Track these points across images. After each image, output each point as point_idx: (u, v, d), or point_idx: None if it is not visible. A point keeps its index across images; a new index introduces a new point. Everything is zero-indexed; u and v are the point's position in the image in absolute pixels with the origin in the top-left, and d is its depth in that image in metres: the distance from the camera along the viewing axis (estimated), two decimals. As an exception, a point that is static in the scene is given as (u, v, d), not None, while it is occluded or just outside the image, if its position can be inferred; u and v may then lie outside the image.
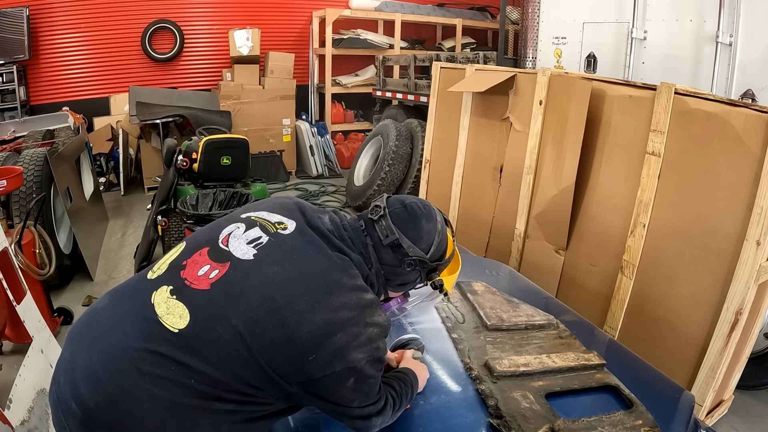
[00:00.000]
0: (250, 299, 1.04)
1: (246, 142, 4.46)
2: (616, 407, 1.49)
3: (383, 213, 1.22)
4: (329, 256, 1.13)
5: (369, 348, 1.09)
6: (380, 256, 1.22)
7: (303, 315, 1.04)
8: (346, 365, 1.06)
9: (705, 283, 2.26)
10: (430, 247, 1.24)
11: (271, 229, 1.15)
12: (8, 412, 1.98)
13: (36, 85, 6.66)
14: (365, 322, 1.09)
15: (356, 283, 1.13)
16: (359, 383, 1.10)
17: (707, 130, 2.24)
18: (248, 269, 1.08)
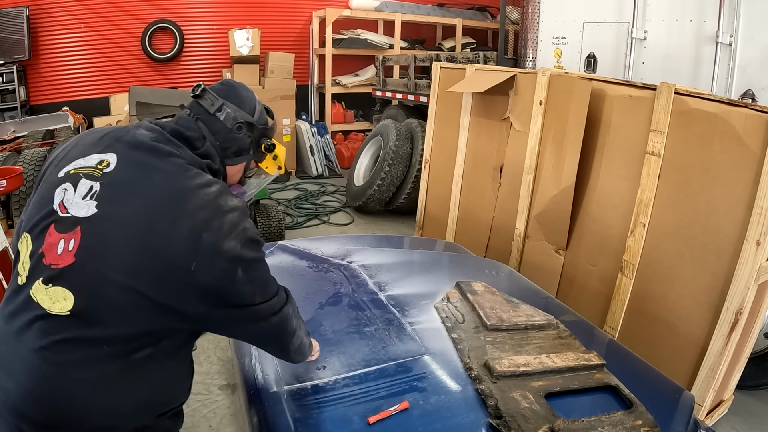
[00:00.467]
0: (116, 250, 1.04)
1: (246, 142, 4.45)
2: (616, 407, 1.49)
3: (203, 88, 1.25)
4: (163, 169, 1.12)
5: (236, 232, 1.10)
6: (211, 127, 1.24)
7: (168, 235, 1.05)
8: (226, 257, 1.07)
9: (705, 283, 2.26)
10: (254, 111, 1.30)
11: (96, 174, 1.10)
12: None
13: (36, 85, 6.66)
14: (222, 212, 1.10)
15: (198, 181, 1.13)
16: (248, 271, 1.12)
17: (707, 130, 2.24)
18: (99, 223, 1.06)
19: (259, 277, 1.18)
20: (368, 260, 2.50)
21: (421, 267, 2.56)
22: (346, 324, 1.90)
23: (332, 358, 1.68)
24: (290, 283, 2.27)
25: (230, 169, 1.32)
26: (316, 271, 2.40)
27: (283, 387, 1.55)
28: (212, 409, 2.60)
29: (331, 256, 2.56)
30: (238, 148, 1.29)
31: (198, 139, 1.22)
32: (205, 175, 1.17)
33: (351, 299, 2.09)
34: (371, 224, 5.50)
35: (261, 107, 1.34)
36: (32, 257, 1.08)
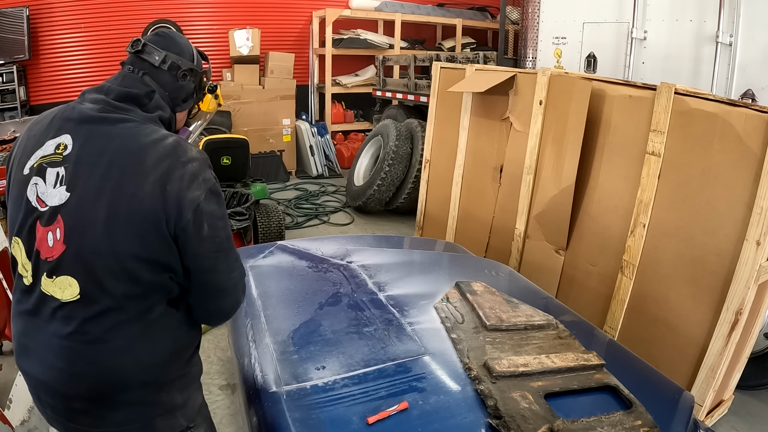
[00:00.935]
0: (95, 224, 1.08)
1: (246, 142, 4.46)
2: (616, 407, 1.49)
3: (144, 42, 1.27)
4: (117, 134, 1.14)
5: (198, 182, 1.14)
6: (158, 80, 1.27)
7: (135, 194, 1.09)
8: (191, 208, 1.11)
9: (705, 283, 2.26)
10: (193, 57, 1.35)
11: (58, 159, 1.13)
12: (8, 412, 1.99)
13: (36, 85, 6.66)
14: (181, 162, 1.13)
15: (154, 137, 1.16)
16: (213, 228, 1.15)
17: (707, 130, 2.24)
18: (74, 205, 1.10)
19: (221, 237, 1.19)
20: (368, 260, 2.50)
21: (420, 267, 2.56)
22: (346, 324, 1.90)
23: (332, 359, 1.68)
24: (290, 283, 2.29)
25: (179, 114, 1.36)
26: (315, 271, 2.40)
27: (283, 387, 1.55)
28: (212, 409, 2.59)
29: (330, 256, 2.56)
30: (186, 94, 1.34)
31: (145, 95, 1.23)
32: (160, 130, 1.20)
33: (350, 299, 2.09)
34: (371, 224, 5.50)
35: (197, 52, 1.38)
36: (30, 257, 1.13)
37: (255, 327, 1.91)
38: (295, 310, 2.03)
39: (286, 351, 1.74)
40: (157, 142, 1.15)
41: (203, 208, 1.13)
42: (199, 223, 1.13)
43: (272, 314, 1.99)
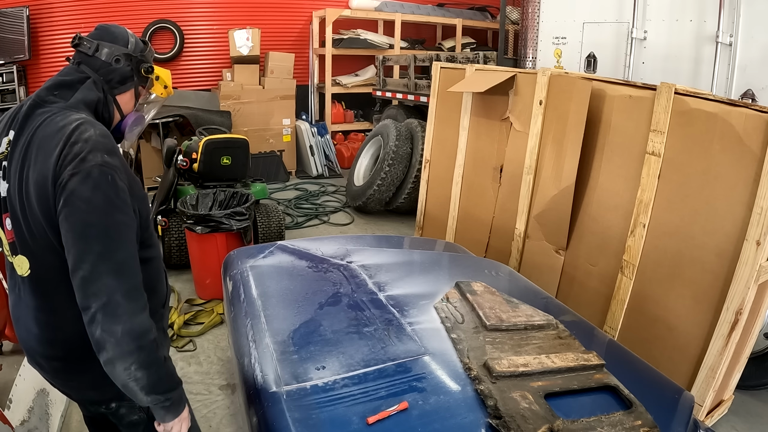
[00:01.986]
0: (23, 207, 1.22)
1: (246, 142, 4.46)
2: (616, 407, 1.49)
3: (80, 36, 1.38)
4: (37, 125, 1.25)
5: (75, 161, 1.15)
6: (92, 66, 1.36)
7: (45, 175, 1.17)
8: (61, 185, 1.15)
9: (705, 283, 2.26)
10: (127, 43, 1.40)
11: (5, 154, 1.29)
12: (8, 412, 1.99)
13: (36, 85, 6.64)
14: (70, 143, 1.18)
15: (63, 122, 1.23)
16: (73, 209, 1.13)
17: (707, 130, 2.24)
18: (10, 194, 1.26)
19: (80, 221, 1.14)
20: (368, 260, 2.50)
21: (420, 267, 2.56)
22: (346, 324, 1.90)
23: (332, 359, 1.68)
24: (290, 283, 2.29)
25: (121, 98, 1.43)
26: (315, 271, 2.40)
27: (283, 387, 1.55)
28: (212, 409, 2.60)
29: (330, 256, 2.56)
30: (121, 77, 1.40)
31: (77, 81, 1.34)
32: (71, 115, 1.25)
33: (350, 299, 2.09)
34: (371, 224, 5.50)
35: (134, 39, 1.44)
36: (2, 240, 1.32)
37: (255, 327, 1.91)
38: (295, 310, 2.03)
39: (286, 351, 1.74)
40: (63, 127, 1.22)
41: (69, 186, 1.14)
42: (63, 200, 1.14)
43: (272, 314, 1.99)
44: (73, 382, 1.36)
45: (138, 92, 1.47)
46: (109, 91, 1.39)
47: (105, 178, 1.16)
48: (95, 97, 1.35)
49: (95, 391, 1.36)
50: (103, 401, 1.40)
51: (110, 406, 1.41)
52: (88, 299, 1.12)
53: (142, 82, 1.47)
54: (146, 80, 1.47)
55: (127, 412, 1.42)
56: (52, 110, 1.27)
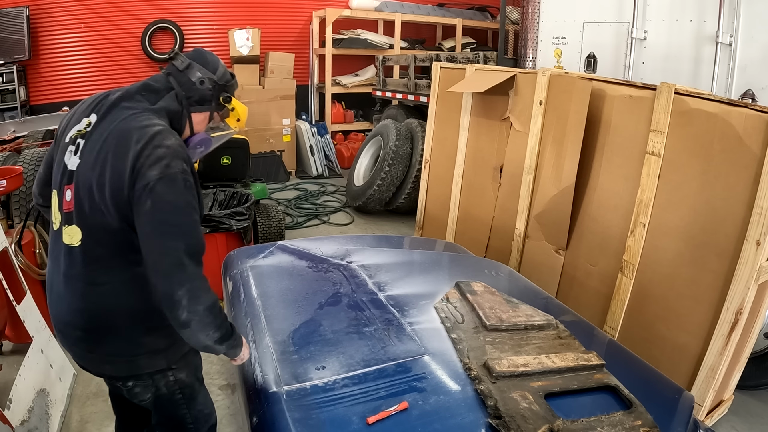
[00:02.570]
0: (90, 187, 1.35)
1: (246, 142, 4.46)
2: (616, 407, 1.49)
3: (177, 52, 1.53)
4: (121, 117, 1.40)
5: (160, 164, 1.31)
6: (178, 80, 1.50)
7: (117, 165, 1.32)
8: (143, 182, 1.30)
9: (705, 283, 2.26)
10: (216, 70, 1.55)
11: (84, 133, 1.43)
12: (8, 412, 1.99)
13: (36, 85, 6.66)
14: (153, 145, 1.33)
15: (144, 123, 1.38)
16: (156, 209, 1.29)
17: (707, 130, 2.24)
18: (81, 170, 1.38)
19: (162, 220, 1.30)
20: (368, 260, 2.50)
21: (420, 267, 2.56)
22: (346, 324, 1.90)
23: (332, 358, 1.68)
24: (290, 283, 2.29)
25: (196, 116, 1.55)
26: (315, 271, 2.40)
27: (283, 387, 1.55)
28: (212, 409, 2.60)
29: (330, 256, 2.56)
30: (200, 97, 1.53)
31: (163, 89, 1.49)
32: (153, 119, 1.41)
33: (350, 299, 2.09)
34: (371, 224, 5.50)
35: (224, 69, 1.59)
36: (59, 208, 1.43)
37: (255, 327, 1.91)
38: (295, 310, 2.03)
39: (286, 351, 1.74)
40: (143, 128, 1.36)
41: (153, 187, 1.29)
42: (145, 198, 1.29)
43: (272, 314, 1.99)
44: (91, 354, 1.46)
45: (212, 116, 1.60)
46: (187, 107, 1.52)
47: (185, 183, 1.34)
48: (175, 108, 1.49)
49: (110, 365, 1.47)
50: (118, 378, 1.51)
51: (127, 384, 1.52)
52: (173, 286, 1.29)
53: (219, 109, 1.59)
54: (222, 107, 1.60)
55: (141, 391, 1.54)
56: (138, 108, 1.42)
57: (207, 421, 1.75)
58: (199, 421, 1.70)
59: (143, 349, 1.45)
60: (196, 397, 1.66)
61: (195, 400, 1.65)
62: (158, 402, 1.57)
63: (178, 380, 1.56)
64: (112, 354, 1.44)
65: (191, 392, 1.63)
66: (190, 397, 1.63)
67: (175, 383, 1.56)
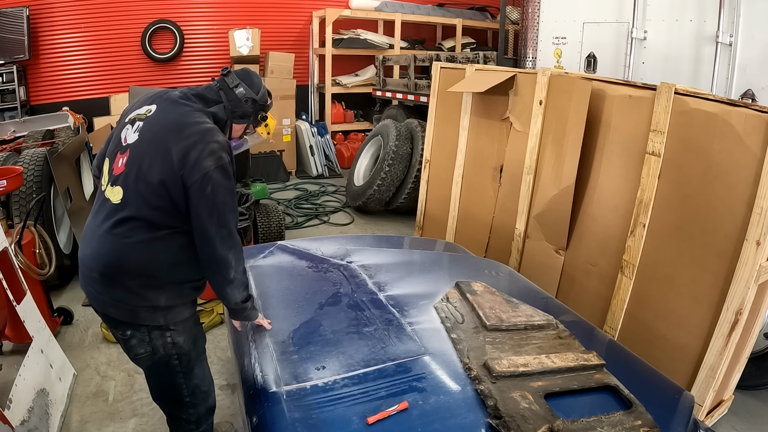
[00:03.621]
0: (144, 160, 1.61)
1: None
2: (616, 407, 1.49)
3: (229, 70, 1.82)
4: (178, 111, 1.68)
5: (214, 157, 1.58)
6: (227, 96, 1.79)
7: (170, 150, 1.58)
8: (201, 171, 1.56)
9: (705, 283, 2.26)
10: (259, 91, 1.85)
11: (143, 117, 1.69)
12: (8, 412, 1.98)
13: (36, 85, 6.66)
14: (207, 140, 1.60)
15: (198, 120, 1.66)
16: (215, 193, 1.57)
17: (707, 130, 2.24)
18: (137, 144, 1.65)
19: (220, 202, 1.59)
20: (368, 260, 2.50)
21: (420, 267, 2.56)
22: (346, 324, 1.90)
23: (332, 359, 1.68)
24: (290, 283, 2.29)
25: (235, 126, 1.85)
26: (315, 271, 2.40)
27: (283, 387, 1.55)
28: (212, 409, 2.60)
29: (330, 256, 2.56)
30: (243, 113, 1.83)
31: (214, 101, 1.77)
32: (205, 118, 1.69)
33: (350, 299, 2.09)
34: (371, 224, 5.50)
35: (265, 91, 1.88)
36: (110, 171, 1.68)
37: (255, 327, 1.91)
38: (295, 310, 2.03)
39: (286, 351, 1.74)
40: (197, 123, 1.64)
41: (211, 175, 1.57)
42: (204, 184, 1.56)
43: (272, 314, 1.99)
44: (101, 296, 1.66)
45: (248, 127, 1.91)
46: (231, 118, 1.81)
47: (228, 172, 1.63)
48: (222, 117, 1.78)
49: (114, 309, 1.66)
50: (119, 324, 1.69)
51: (126, 333, 1.69)
52: (227, 250, 1.62)
53: (256, 123, 1.90)
54: (259, 123, 1.91)
55: (137, 344, 1.70)
56: (194, 108, 1.70)
57: (205, 400, 1.87)
58: (197, 396, 1.83)
59: (144, 303, 1.64)
60: (193, 369, 1.79)
61: (192, 372, 1.79)
62: (155, 365, 1.75)
63: (176, 344, 1.72)
64: (117, 299, 1.64)
65: (188, 361, 1.77)
66: (187, 367, 1.77)
67: (173, 346, 1.71)
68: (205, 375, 1.86)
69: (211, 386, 1.89)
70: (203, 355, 1.85)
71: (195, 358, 1.78)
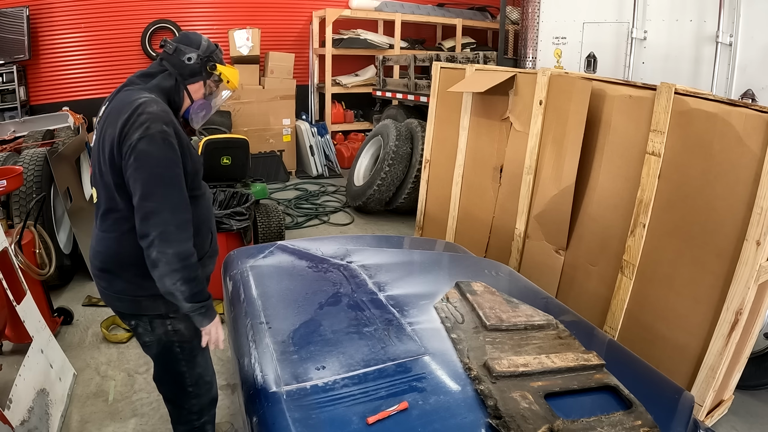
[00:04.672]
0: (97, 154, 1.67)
1: (246, 142, 4.46)
2: (616, 407, 1.49)
3: (166, 39, 1.79)
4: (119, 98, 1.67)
5: (142, 128, 1.54)
6: (170, 62, 1.76)
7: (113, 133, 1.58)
8: (128, 144, 1.54)
9: (705, 283, 2.26)
10: (200, 45, 1.78)
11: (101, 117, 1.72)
12: (8, 412, 1.98)
13: (36, 85, 6.66)
14: (137, 113, 1.57)
15: (134, 97, 1.63)
16: (140, 163, 1.52)
17: (707, 130, 2.24)
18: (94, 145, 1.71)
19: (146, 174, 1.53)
20: (368, 260, 2.50)
21: (420, 267, 2.56)
22: (346, 324, 1.90)
23: (332, 358, 1.68)
24: (290, 283, 2.29)
25: (191, 87, 1.79)
26: (315, 271, 2.40)
27: (283, 387, 1.55)
28: (212, 409, 2.60)
29: (330, 256, 2.56)
30: (190, 71, 1.78)
31: (157, 72, 1.76)
32: (143, 93, 1.66)
33: (350, 299, 2.09)
34: (371, 224, 5.50)
35: (207, 43, 1.81)
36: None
37: (255, 327, 1.91)
38: (295, 310, 2.03)
39: (286, 351, 1.74)
40: (136, 100, 1.61)
41: (135, 146, 1.53)
42: (129, 155, 1.53)
43: (272, 314, 1.99)
44: (107, 291, 1.73)
45: (206, 84, 1.82)
46: (182, 81, 1.76)
47: (164, 141, 1.55)
48: (168, 85, 1.74)
49: (120, 302, 1.72)
50: (126, 316, 1.75)
51: (131, 323, 1.76)
52: (149, 228, 1.53)
53: (209, 77, 1.81)
54: (211, 75, 1.81)
55: (143, 333, 1.77)
56: (134, 88, 1.69)
57: (208, 391, 1.92)
58: (200, 386, 1.87)
59: (144, 292, 1.67)
60: (196, 357, 1.83)
61: (194, 360, 1.83)
62: (160, 352, 1.81)
63: (177, 331, 1.76)
64: (119, 292, 1.71)
65: (191, 350, 1.80)
66: (189, 355, 1.81)
67: (175, 333, 1.75)
68: (208, 365, 1.91)
69: (213, 377, 1.94)
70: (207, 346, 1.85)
71: (197, 346, 1.79)
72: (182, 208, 1.58)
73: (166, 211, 1.53)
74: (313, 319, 1.95)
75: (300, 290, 2.21)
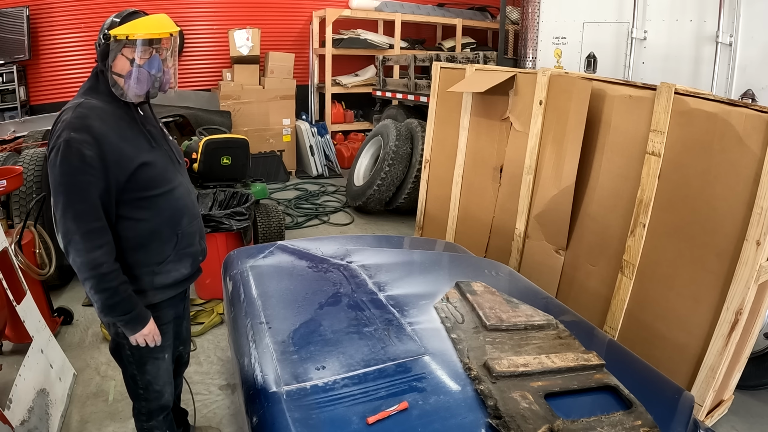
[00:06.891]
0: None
1: (246, 142, 4.46)
2: (616, 407, 1.49)
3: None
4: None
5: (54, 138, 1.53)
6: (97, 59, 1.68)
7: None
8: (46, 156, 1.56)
9: (705, 283, 2.26)
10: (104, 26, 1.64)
11: None
12: (8, 412, 1.99)
13: (36, 85, 6.66)
14: (54, 123, 1.58)
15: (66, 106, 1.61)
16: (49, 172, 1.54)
17: (707, 130, 2.24)
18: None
19: (53, 183, 1.53)
20: (368, 260, 2.50)
21: (420, 267, 2.56)
22: (346, 324, 1.90)
23: (332, 358, 1.68)
24: (290, 283, 2.29)
25: (115, 65, 1.64)
26: (315, 271, 2.40)
27: (283, 387, 1.55)
28: (212, 409, 2.60)
29: (330, 256, 2.56)
30: (102, 54, 1.66)
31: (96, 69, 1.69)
32: (73, 101, 1.62)
33: (350, 299, 2.09)
34: (371, 224, 5.50)
35: (110, 19, 1.65)
36: None
37: (255, 327, 1.91)
38: (295, 310, 2.03)
39: (286, 351, 1.74)
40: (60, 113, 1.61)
41: (48, 157, 1.55)
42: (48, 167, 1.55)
43: (272, 314, 1.99)
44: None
45: (123, 54, 1.63)
46: (104, 66, 1.65)
47: (69, 149, 1.50)
48: (93, 80, 1.67)
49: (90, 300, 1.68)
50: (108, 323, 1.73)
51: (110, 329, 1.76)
52: (59, 236, 1.55)
53: (121, 47, 1.61)
54: (122, 43, 1.61)
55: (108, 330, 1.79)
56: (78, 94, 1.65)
57: (157, 399, 1.87)
58: (149, 392, 1.84)
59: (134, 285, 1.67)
60: (145, 365, 1.79)
61: (144, 367, 1.79)
62: (114, 349, 1.82)
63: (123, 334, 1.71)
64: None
65: (140, 356, 1.77)
66: (139, 362, 1.78)
67: (124, 336, 1.71)
68: (160, 374, 1.84)
69: (165, 387, 1.87)
70: (159, 354, 1.81)
71: (146, 354, 1.77)
72: (88, 216, 1.53)
73: (69, 220, 1.51)
74: (313, 319, 1.95)
75: (300, 290, 2.21)
